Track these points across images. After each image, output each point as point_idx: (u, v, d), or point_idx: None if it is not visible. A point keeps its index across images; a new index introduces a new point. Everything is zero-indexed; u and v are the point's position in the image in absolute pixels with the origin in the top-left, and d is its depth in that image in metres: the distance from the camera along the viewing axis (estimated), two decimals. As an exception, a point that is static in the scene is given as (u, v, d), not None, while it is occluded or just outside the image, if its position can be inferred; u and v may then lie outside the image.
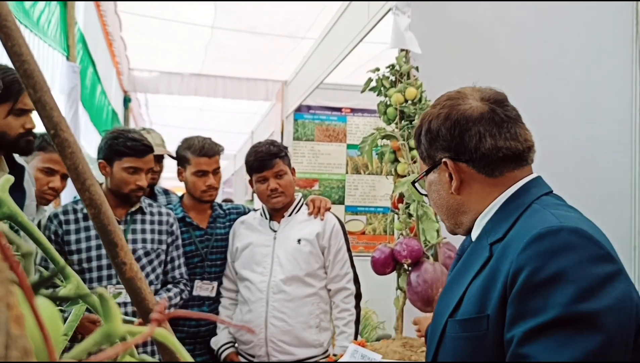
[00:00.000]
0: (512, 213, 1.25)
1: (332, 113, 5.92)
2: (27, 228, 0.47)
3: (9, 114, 2.00)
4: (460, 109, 1.29)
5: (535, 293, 1.07)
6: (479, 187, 1.31)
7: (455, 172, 1.31)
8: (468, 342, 1.20)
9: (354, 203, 5.86)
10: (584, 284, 1.04)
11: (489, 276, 1.19)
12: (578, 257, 1.07)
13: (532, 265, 1.08)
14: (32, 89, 0.49)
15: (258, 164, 2.76)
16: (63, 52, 3.88)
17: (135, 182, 2.60)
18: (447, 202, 1.37)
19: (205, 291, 2.90)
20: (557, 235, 1.09)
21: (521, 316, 1.08)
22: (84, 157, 0.51)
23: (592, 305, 1.03)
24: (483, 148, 1.27)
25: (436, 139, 1.33)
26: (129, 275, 0.54)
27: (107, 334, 0.35)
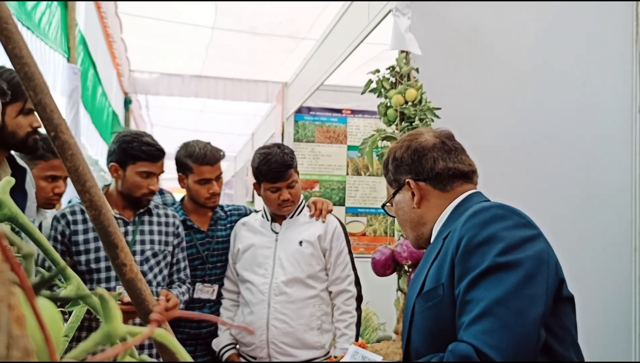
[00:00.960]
0: (458, 216, 1.53)
1: (332, 115, 5.92)
2: (27, 230, 0.48)
3: (19, 114, 2.01)
4: (418, 140, 1.66)
5: (473, 253, 1.36)
6: (435, 200, 1.63)
7: (416, 189, 1.64)
8: (431, 311, 1.46)
9: (355, 204, 5.86)
10: (510, 242, 1.34)
11: (441, 257, 1.48)
12: (505, 224, 1.38)
13: (470, 232, 1.39)
14: (33, 91, 0.49)
15: (273, 175, 2.70)
16: (64, 54, 3.89)
17: (148, 186, 2.61)
18: (410, 216, 1.68)
19: (206, 294, 2.90)
20: (488, 210, 1.42)
21: (465, 272, 1.36)
22: (84, 159, 0.51)
23: (516, 255, 1.32)
24: (437, 168, 1.61)
25: (400, 165, 1.67)
26: (129, 276, 0.54)
27: (107, 334, 0.35)
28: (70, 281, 0.50)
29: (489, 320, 1.26)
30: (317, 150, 5.89)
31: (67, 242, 2.56)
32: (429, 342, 1.47)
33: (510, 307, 1.26)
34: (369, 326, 4.96)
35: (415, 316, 1.52)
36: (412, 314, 1.53)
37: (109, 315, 0.35)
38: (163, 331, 0.36)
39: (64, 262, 0.47)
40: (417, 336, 1.52)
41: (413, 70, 2.69)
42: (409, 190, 1.65)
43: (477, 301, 1.30)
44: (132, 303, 1.84)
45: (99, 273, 2.56)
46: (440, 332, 1.43)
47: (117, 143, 2.63)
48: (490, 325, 1.26)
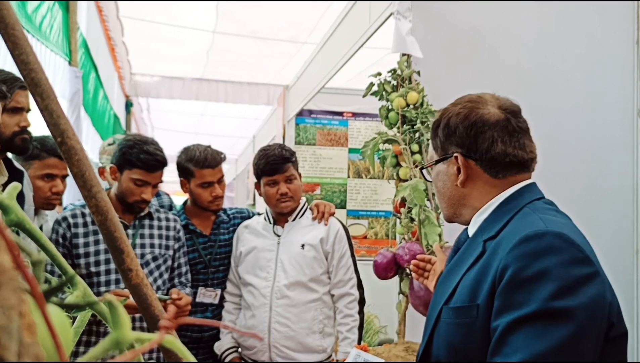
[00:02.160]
0: (505, 214, 1.38)
1: (333, 117, 5.93)
2: (34, 235, 0.48)
3: (2, 113, 1.99)
4: (479, 112, 1.42)
5: (519, 288, 1.20)
6: (482, 185, 1.44)
7: (464, 167, 1.44)
8: (460, 328, 1.33)
9: (356, 207, 5.86)
10: (563, 283, 1.17)
11: (481, 270, 1.32)
12: (560, 259, 1.19)
13: (519, 263, 1.21)
14: (40, 97, 0.49)
15: (270, 167, 2.75)
16: (65, 57, 3.89)
17: (140, 195, 2.59)
18: (451, 193, 1.49)
19: (209, 299, 2.90)
20: (543, 238, 1.22)
21: (506, 308, 1.21)
22: (90, 164, 0.51)
23: (569, 302, 1.16)
24: (493, 151, 1.40)
25: (452, 134, 1.45)
26: (135, 281, 0.54)
27: (116, 341, 0.35)
28: (77, 287, 0.50)
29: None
30: (319, 153, 5.89)
31: (68, 245, 2.57)
32: (451, 355, 1.37)
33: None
34: (370, 329, 4.96)
35: (440, 324, 1.41)
36: (438, 318, 1.42)
37: (118, 322, 0.35)
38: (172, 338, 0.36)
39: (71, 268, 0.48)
40: (440, 344, 1.41)
41: (414, 73, 2.70)
42: (455, 165, 1.45)
43: (517, 348, 1.16)
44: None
45: (98, 277, 2.56)
46: (466, 351, 1.33)
47: (120, 145, 2.64)
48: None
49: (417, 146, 2.59)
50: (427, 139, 2.57)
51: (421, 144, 2.59)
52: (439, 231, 2.41)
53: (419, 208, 2.41)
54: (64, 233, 2.57)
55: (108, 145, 3.31)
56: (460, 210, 1.49)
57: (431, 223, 2.41)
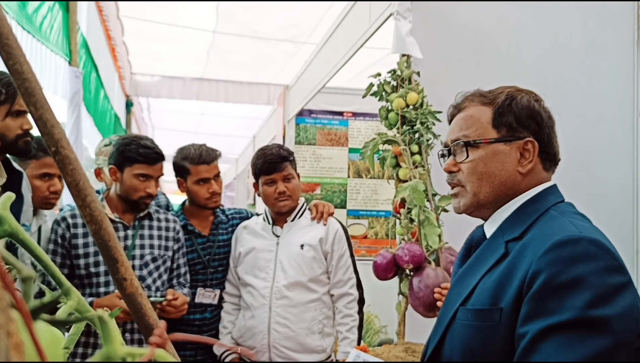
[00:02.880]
0: (529, 215, 1.34)
1: (333, 117, 5.92)
2: (28, 246, 0.48)
3: (7, 116, 2.00)
4: (541, 104, 1.44)
5: (553, 295, 1.15)
6: (533, 176, 1.41)
7: (534, 156, 1.39)
8: (479, 331, 1.28)
9: (356, 207, 5.86)
10: (599, 292, 1.13)
11: (505, 272, 1.27)
12: (595, 266, 1.15)
13: (553, 269, 1.16)
14: (34, 106, 0.49)
15: (267, 166, 2.76)
16: (65, 58, 3.89)
17: (145, 189, 2.61)
18: (508, 177, 1.40)
19: (208, 299, 2.90)
20: (578, 244, 1.18)
21: (537, 314, 1.16)
22: (84, 173, 0.51)
23: (605, 311, 1.11)
24: (556, 147, 1.43)
25: (531, 117, 1.41)
26: (130, 290, 0.54)
27: (107, 356, 0.35)
28: (71, 297, 0.50)
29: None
30: (319, 153, 5.89)
31: (67, 245, 2.57)
32: (467, 358, 1.32)
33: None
34: (370, 329, 4.96)
35: (455, 324, 1.36)
36: (453, 319, 1.37)
37: (109, 337, 0.35)
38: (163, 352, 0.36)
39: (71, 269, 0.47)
40: (454, 345, 1.36)
41: (414, 73, 2.69)
42: (519, 150, 1.39)
43: (548, 356, 1.12)
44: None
45: (98, 277, 2.56)
46: (483, 355, 1.28)
47: (116, 145, 2.66)
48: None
49: (416, 146, 2.59)
50: (427, 140, 2.57)
51: (421, 144, 2.58)
52: (438, 232, 2.41)
53: (418, 209, 2.41)
54: (63, 234, 2.57)
55: (104, 146, 3.31)
56: (504, 192, 1.40)
57: (431, 224, 2.41)
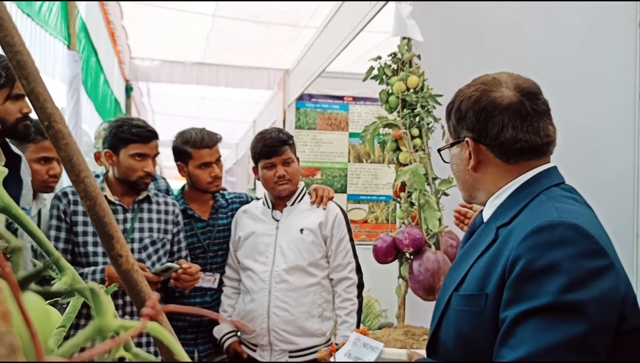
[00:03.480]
0: (520, 200, 1.35)
1: (334, 102, 5.90)
2: (21, 221, 0.47)
3: (6, 100, 1.99)
4: (491, 95, 1.38)
5: (530, 280, 1.18)
6: (494, 170, 1.41)
7: (475, 152, 1.42)
8: (468, 316, 1.33)
9: (356, 191, 5.85)
10: (575, 276, 1.14)
11: (492, 258, 1.30)
12: (572, 251, 1.16)
13: (530, 255, 1.18)
14: (26, 80, 0.48)
15: (267, 150, 2.75)
16: (64, 41, 3.87)
17: (143, 168, 2.60)
18: (464, 176, 1.49)
19: (208, 283, 2.90)
20: (556, 229, 1.19)
21: (515, 299, 1.19)
22: (78, 149, 0.51)
23: (580, 295, 1.13)
24: (503, 137, 1.36)
25: (463, 119, 1.43)
26: (125, 267, 0.53)
27: (98, 329, 0.34)
28: (65, 273, 0.49)
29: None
30: (319, 137, 5.87)
31: (68, 221, 2.55)
32: (459, 342, 1.36)
33: (559, 360, 1.13)
34: (370, 313, 4.97)
35: (449, 309, 1.40)
36: (447, 305, 1.41)
37: (101, 309, 0.35)
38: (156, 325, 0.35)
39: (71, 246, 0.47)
40: (448, 330, 1.41)
41: (415, 56, 2.67)
42: (467, 149, 1.43)
43: (523, 340, 1.15)
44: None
45: (96, 257, 2.55)
46: (473, 339, 1.32)
47: (109, 128, 2.65)
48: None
49: (417, 130, 2.57)
50: (428, 124, 2.56)
51: (421, 128, 2.57)
52: (438, 216, 2.40)
53: (418, 193, 2.40)
54: (64, 209, 2.56)
55: (103, 130, 3.30)
56: (475, 193, 1.49)
57: (431, 208, 2.40)
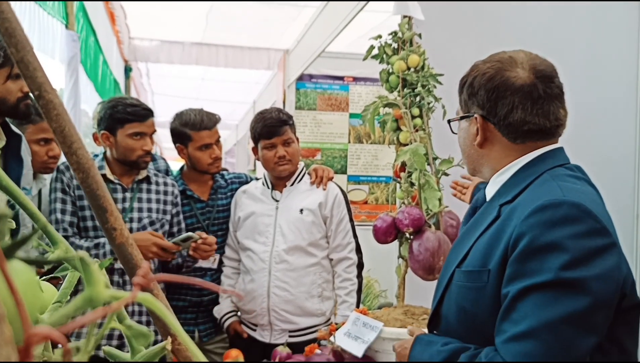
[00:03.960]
0: (524, 179, 1.37)
1: (334, 82, 5.87)
2: (12, 192, 0.46)
3: (7, 80, 1.98)
4: (505, 75, 1.38)
5: (532, 257, 1.20)
6: (500, 148, 1.43)
7: (482, 129, 1.43)
8: (470, 291, 1.35)
9: (357, 172, 5.85)
10: (577, 254, 1.16)
11: (494, 235, 1.32)
12: (575, 229, 1.19)
13: (533, 232, 1.20)
14: (15, 48, 0.47)
15: (267, 130, 2.73)
16: (62, 21, 3.83)
17: (142, 147, 2.58)
18: (470, 151, 1.50)
19: (207, 263, 2.90)
20: (559, 207, 1.21)
21: (517, 275, 1.21)
22: (70, 119, 0.49)
23: (582, 272, 1.16)
24: (512, 118, 1.37)
25: (475, 95, 1.43)
26: (120, 240, 0.53)
27: (89, 299, 0.33)
28: (58, 245, 0.49)
29: (533, 343, 1.16)
30: (319, 118, 5.85)
31: (73, 194, 2.54)
32: (461, 318, 1.39)
33: (560, 336, 1.15)
34: (370, 293, 4.99)
35: (451, 286, 1.43)
36: (450, 281, 1.44)
37: (91, 279, 0.34)
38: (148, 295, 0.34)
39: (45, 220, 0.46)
40: (450, 306, 1.43)
41: (415, 35, 2.65)
42: (475, 124, 1.44)
43: (525, 315, 1.18)
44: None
45: (96, 231, 2.54)
46: (474, 315, 1.34)
47: (103, 110, 2.60)
48: (533, 349, 1.15)
49: (417, 109, 2.56)
50: (428, 103, 2.54)
51: (422, 107, 2.55)
52: (439, 196, 2.40)
53: (419, 173, 2.39)
54: (68, 182, 2.53)
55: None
56: (479, 168, 1.51)
57: (431, 188, 2.39)
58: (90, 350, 0.36)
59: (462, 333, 1.38)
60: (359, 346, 1.96)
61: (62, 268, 0.51)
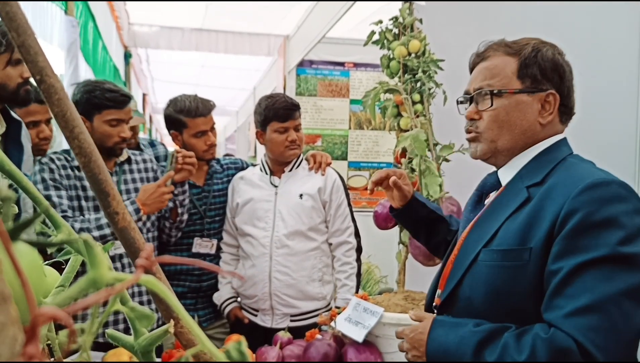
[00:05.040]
0: (547, 163, 1.40)
1: (334, 68, 5.85)
2: (14, 176, 0.46)
3: (7, 66, 1.98)
4: (563, 58, 1.49)
5: (587, 233, 1.21)
6: (551, 128, 1.46)
7: (555, 108, 1.45)
8: (506, 270, 1.33)
9: (357, 158, 5.85)
10: (630, 231, 1.19)
11: (531, 215, 1.32)
12: (626, 207, 1.22)
13: (586, 209, 1.22)
14: (16, 32, 0.47)
15: (282, 113, 2.74)
16: (61, 6, 3.82)
17: (119, 134, 2.52)
18: (529, 126, 1.46)
19: (205, 249, 2.91)
20: (610, 186, 1.25)
21: (571, 251, 1.22)
22: (71, 104, 0.49)
23: (636, 248, 1.19)
24: (571, 99, 1.47)
25: (556, 71, 1.46)
26: (122, 224, 0.53)
27: (93, 281, 0.34)
28: (61, 229, 0.49)
29: (598, 316, 1.16)
30: (319, 104, 5.84)
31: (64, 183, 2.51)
32: (491, 298, 1.36)
33: (622, 308, 1.16)
34: (371, 279, 5.01)
35: (478, 266, 1.41)
36: (473, 262, 1.42)
37: (95, 261, 0.34)
38: (151, 277, 0.35)
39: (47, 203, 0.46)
40: (476, 286, 1.40)
41: (416, 21, 2.64)
42: (540, 101, 1.44)
43: (585, 289, 1.18)
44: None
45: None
46: (509, 295, 1.33)
47: (79, 93, 2.52)
48: (598, 323, 1.15)
49: (418, 95, 2.55)
50: (429, 89, 2.54)
51: (423, 93, 2.55)
52: (439, 182, 2.40)
53: (419, 159, 2.39)
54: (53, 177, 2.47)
55: None
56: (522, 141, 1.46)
57: (432, 174, 2.39)
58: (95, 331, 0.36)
59: (488, 315, 1.35)
60: (359, 331, 1.97)
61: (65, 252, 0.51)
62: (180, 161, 2.66)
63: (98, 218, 2.42)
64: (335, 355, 2.00)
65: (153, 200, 2.50)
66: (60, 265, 0.64)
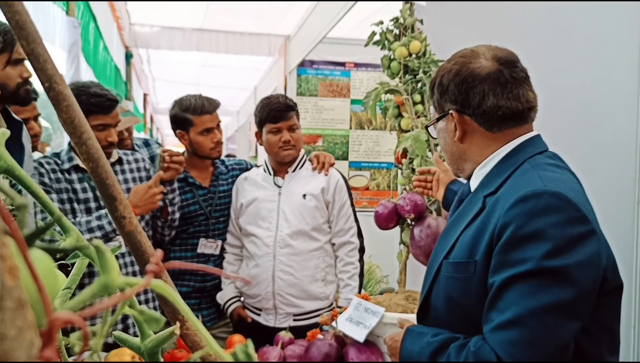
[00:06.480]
0: (506, 169, 1.40)
1: (335, 68, 5.86)
2: (24, 182, 0.47)
3: (7, 65, 1.98)
4: (470, 67, 1.42)
5: (516, 247, 1.23)
6: (479, 139, 1.46)
7: (460, 123, 1.46)
8: (458, 282, 1.38)
9: (358, 158, 5.85)
10: (558, 243, 1.19)
11: (480, 226, 1.35)
12: (556, 219, 1.21)
13: (516, 222, 1.23)
14: (25, 40, 0.48)
15: (274, 114, 2.76)
16: (62, 7, 3.83)
17: (106, 139, 2.50)
18: (451, 149, 1.52)
19: (210, 249, 2.93)
20: (540, 197, 1.24)
21: (502, 265, 1.25)
22: (79, 110, 0.50)
23: (564, 261, 1.19)
24: (485, 105, 1.40)
25: (446, 92, 1.47)
26: (129, 228, 0.54)
27: (104, 286, 0.35)
28: (70, 234, 0.50)
29: (518, 330, 1.19)
30: (320, 104, 5.84)
31: (54, 187, 2.52)
32: (450, 307, 1.42)
33: (544, 322, 1.18)
34: (372, 279, 5.01)
35: (440, 277, 1.45)
36: (437, 272, 1.46)
37: (106, 266, 0.35)
38: (160, 282, 0.36)
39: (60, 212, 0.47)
40: (439, 296, 1.46)
41: (417, 21, 2.65)
42: (452, 121, 1.47)
43: (510, 304, 1.21)
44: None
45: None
46: (463, 305, 1.38)
47: None
48: (518, 337, 1.19)
49: (419, 96, 2.56)
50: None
51: (423, 94, 2.56)
52: (440, 182, 2.40)
53: (420, 159, 2.40)
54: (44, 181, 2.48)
55: None
56: (463, 165, 1.53)
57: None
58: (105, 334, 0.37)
59: (451, 323, 1.42)
60: (360, 331, 1.98)
61: (73, 256, 0.52)
62: (167, 160, 2.66)
63: (89, 221, 2.43)
64: (337, 355, 2.01)
65: (144, 201, 2.51)
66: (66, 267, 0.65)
